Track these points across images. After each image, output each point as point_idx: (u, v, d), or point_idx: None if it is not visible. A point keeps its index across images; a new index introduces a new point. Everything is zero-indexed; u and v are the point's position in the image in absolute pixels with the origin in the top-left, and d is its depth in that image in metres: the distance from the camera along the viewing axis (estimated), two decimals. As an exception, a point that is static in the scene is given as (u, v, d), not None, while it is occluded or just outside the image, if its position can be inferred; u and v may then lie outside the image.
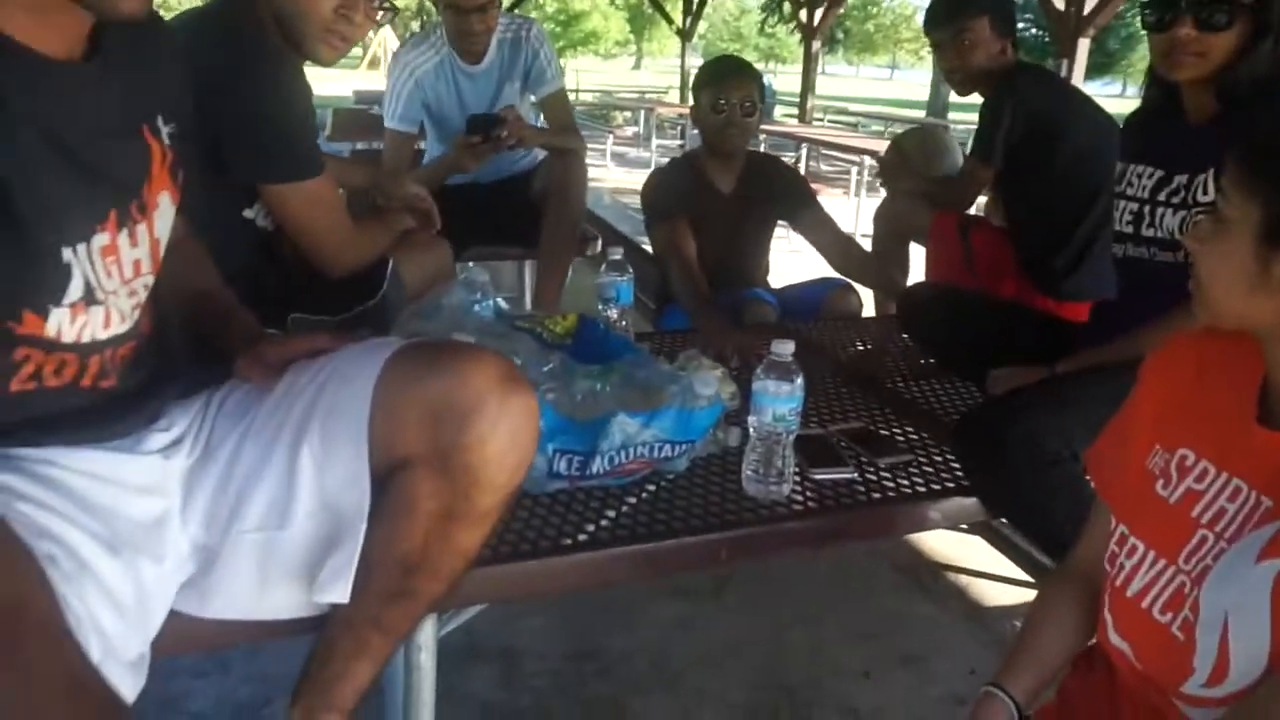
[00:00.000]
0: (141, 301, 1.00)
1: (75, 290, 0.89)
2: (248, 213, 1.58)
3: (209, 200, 1.11)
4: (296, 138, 1.43)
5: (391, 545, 0.98)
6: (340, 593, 0.97)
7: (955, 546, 2.35)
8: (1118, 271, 1.71)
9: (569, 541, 1.24)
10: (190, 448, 1.06)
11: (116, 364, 0.99)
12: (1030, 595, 2.12)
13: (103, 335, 0.95)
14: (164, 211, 1.01)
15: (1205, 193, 1.49)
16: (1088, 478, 1.32)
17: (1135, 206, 1.61)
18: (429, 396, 0.95)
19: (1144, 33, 1.54)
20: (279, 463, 1.00)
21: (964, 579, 2.24)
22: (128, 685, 0.87)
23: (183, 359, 1.10)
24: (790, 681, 1.81)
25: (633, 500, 1.35)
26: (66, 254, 0.87)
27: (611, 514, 1.31)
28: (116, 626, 0.87)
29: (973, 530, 2.40)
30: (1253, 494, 0.84)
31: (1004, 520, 1.69)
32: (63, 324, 0.90)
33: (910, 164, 2.88)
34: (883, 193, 3.01)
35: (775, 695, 1.77)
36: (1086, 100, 2.49)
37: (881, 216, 2.79)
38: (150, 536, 0.98)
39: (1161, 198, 1.56)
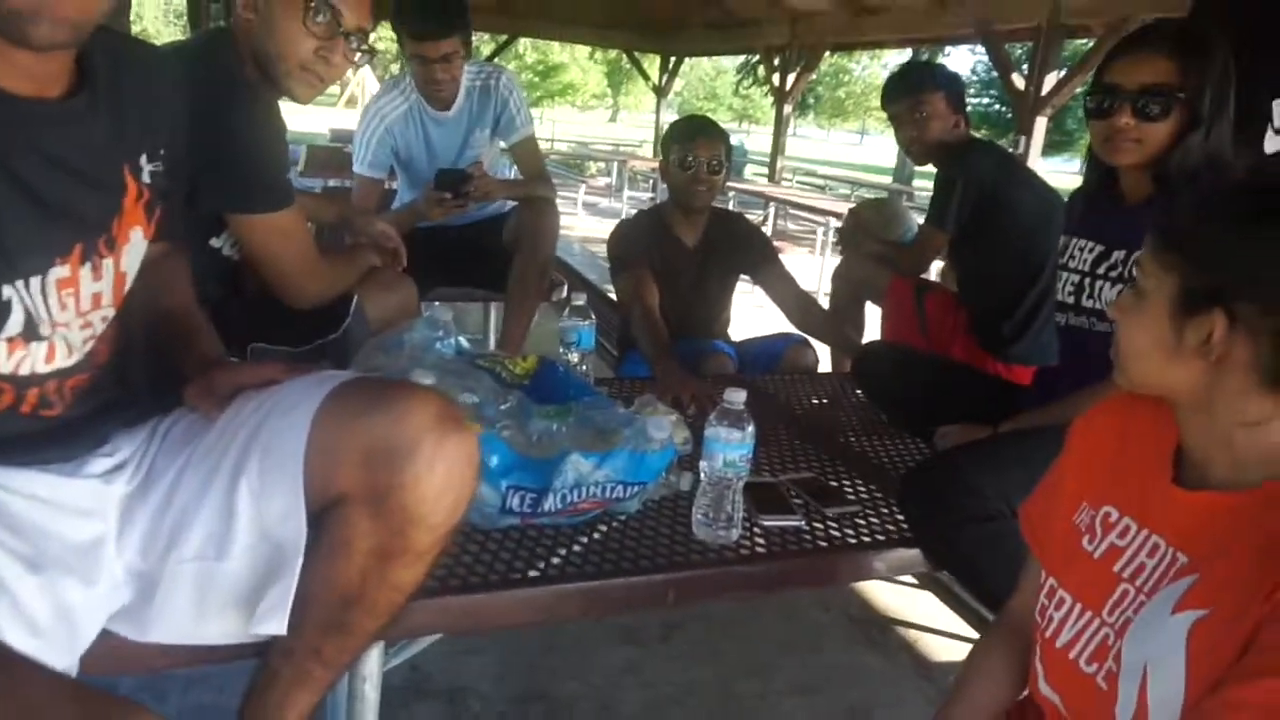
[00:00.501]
0: (97, 334, 1.00)
1: (14, 326, 0.89)
2: (214, 241, 1.59)
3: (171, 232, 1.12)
4: (268, 170, 1.46)
5: (328, 581, 0.97)
6: (277, 625, 0.96)
7: (904, 600, 2.39)
8: (1060, 339, 1.79)
9: (519, 576, 1.26)
10: (131, 474, 1.06)
11: (64, 395, 0.99)
12: (975, 651, 2.17)
13: (43, 369, 0.95)
14: (134, 246, 1.02)
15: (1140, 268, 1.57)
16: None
17: (1076, 279, 1.68)
18: (365, 435, 0.94)
19: None
20: (217, 494, 0.99)
21: (913, 633, 2.27)
22: None
23: (141, 386, 1.10)
24: (735, 732, 1.82)
25: (584, 539, 1.37)
26: (7, 291, 0.87)
27: (562, 551, 1.33)
28: (28, 645, 0.86)
29: (922, 584, 2.44)
30: (1169, 550, 0.88)
31: (946, 573, 1.73)
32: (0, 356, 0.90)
33: (868, 230, 3.00)
34: None
35: (719, 746, 1.78)
36: (1033, 175, 2.62)
37: (840, 276, 2.89)
38: (82, 558, 0.97)
39: (1101, 271, 1.64)
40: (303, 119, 1.86)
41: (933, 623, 2.30)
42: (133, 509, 1.03)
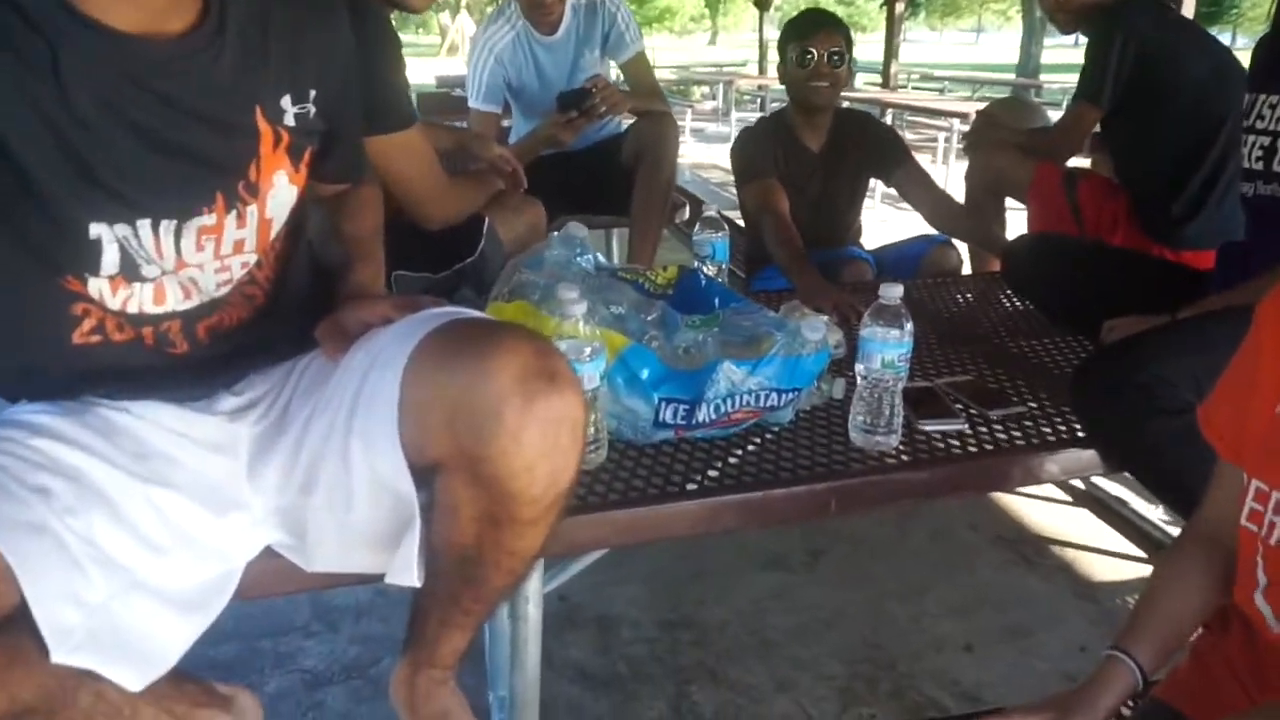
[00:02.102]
0: (234, 278, 0.99)
1: (110, 264, 0.88)
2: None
3: None
4: (396, 89, 1.46)
5: (447, 542, 0.95)
6: (410, 578, 0.96)
7: (1061, 519, 2.27)
8: (1246, 211, 1.61)
9: (677, 489, 1.23)
10: (263, 413, 1.06)
11: (194, 335, 0.99)
12: (1142, 570, 2.04)
13: (152, 309, 0.94)
14: (279, 191, 0.98)
15: None
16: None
17: (1266, 140, 1.50)
18: (449, 399, 0.87)
19: None
20: (336, 447, 0.97)
21: (1071, 553, 2.15)
22: (165, 612, 0.88)
23: (289, 327, 1.08)
24: (889, 654, 1.77)
25: (739, 451, 1.34)
26: (96, 229, 0.86)
27: (719, 463, 1.30)
28: (144, 561, 0.88)
29: (1079, 502, 2.31)
30: None
31: (1124, 475, 1.61)
32: (103, 292, 0.90)
33: (1003, 124, 2.76)
34: None
35: (873, 668, 1.74)
36: (1199, 29, 2.34)
37: (974, 172, 2.66)
38: (212, 492, 0.98)
39: None
40: (408, 68, 1.85)
41: (1091, 541, 2.17)
42: (265, 448, 1.03)
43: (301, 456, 1.01)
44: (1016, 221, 2.65)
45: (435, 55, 21.57)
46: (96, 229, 0.86)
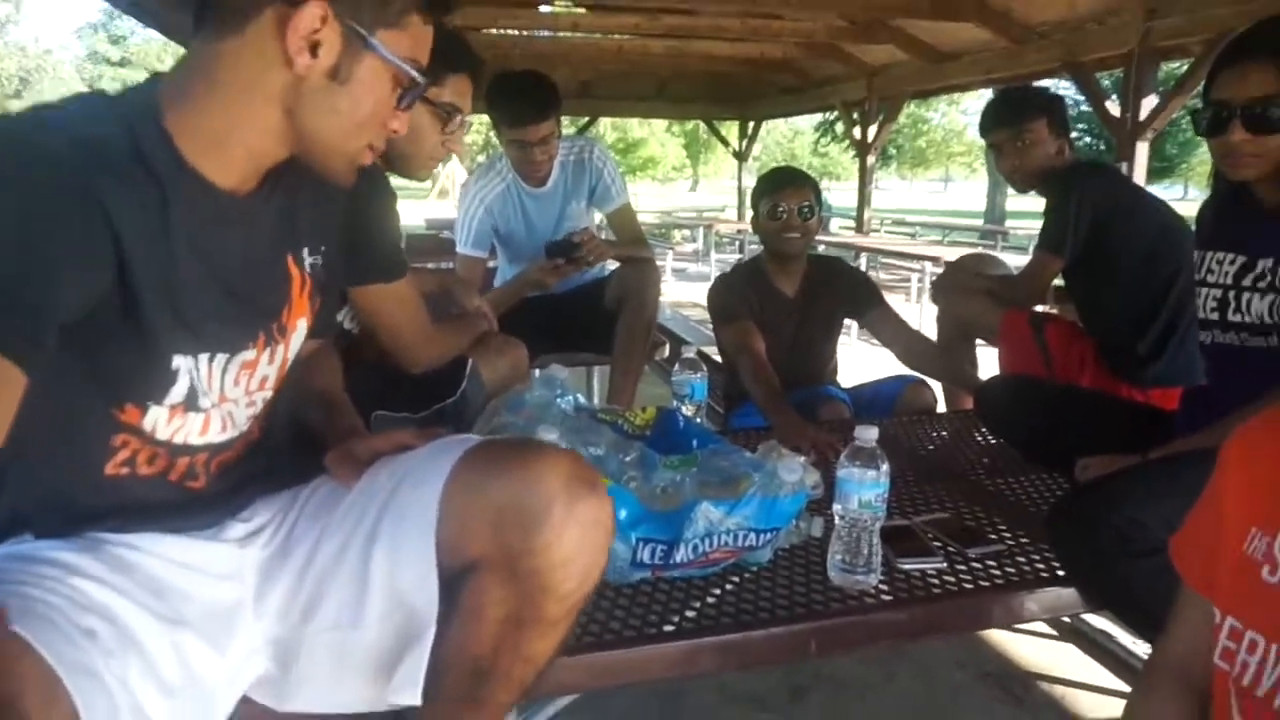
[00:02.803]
0: (256, 413, 1.04)
1: (178, 394, 0.93)
2: (336, 316, 1.65)
3: None
4: (389, 242, 1.52)
5: (462, 650, 0.95)
6: (411, 695, 0.95)
7: (1047, 654, 2.22)
8: (1206, 358, 1.68)
9: (654, 630, 1.22)
10: (269, 538, 1.07)
11: (210, 469, 1.01)
12: (1131, 703, 1.99)
13: (196, 440, 0.98)
14: (298, 335, 1.07)
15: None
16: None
17: (1219, 293, 1.59)
18: (496, 499, 0.93)
19: (1201, 138, 1.57)
20: (352, 562, 0.99)
21: (1059, 689, 2.10)
22: None
23: (283, 460, 1.12)
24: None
25: (717, 591, 1.33)
26: (177, 361, 0.92)
27: (696, 604, 1.29)
28: (160, 707, 0.86)
29: (1064, 636, 2.28)
30: None
31: (1102, 614, 1.60)
32: (159, 421, 0.93)
33: (969, 271, 2.90)
34: None
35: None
36: (1145, 192, 2.52)
37: (945, 315, 2.78)
38: (219, 623, 0.98)
39: (1247, 283, 1.54)
40: (400, 211, 1.96)
41: (1078, 676, 2.13)
42: (272, 573, 1.05)
43: (308, 579, 1.02)
44: (988, 360, 2.73)
45: (425, 198, 22.32)
46: (178, 360, 0.92)
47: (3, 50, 36.50)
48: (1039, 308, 2.68)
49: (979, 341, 2.76)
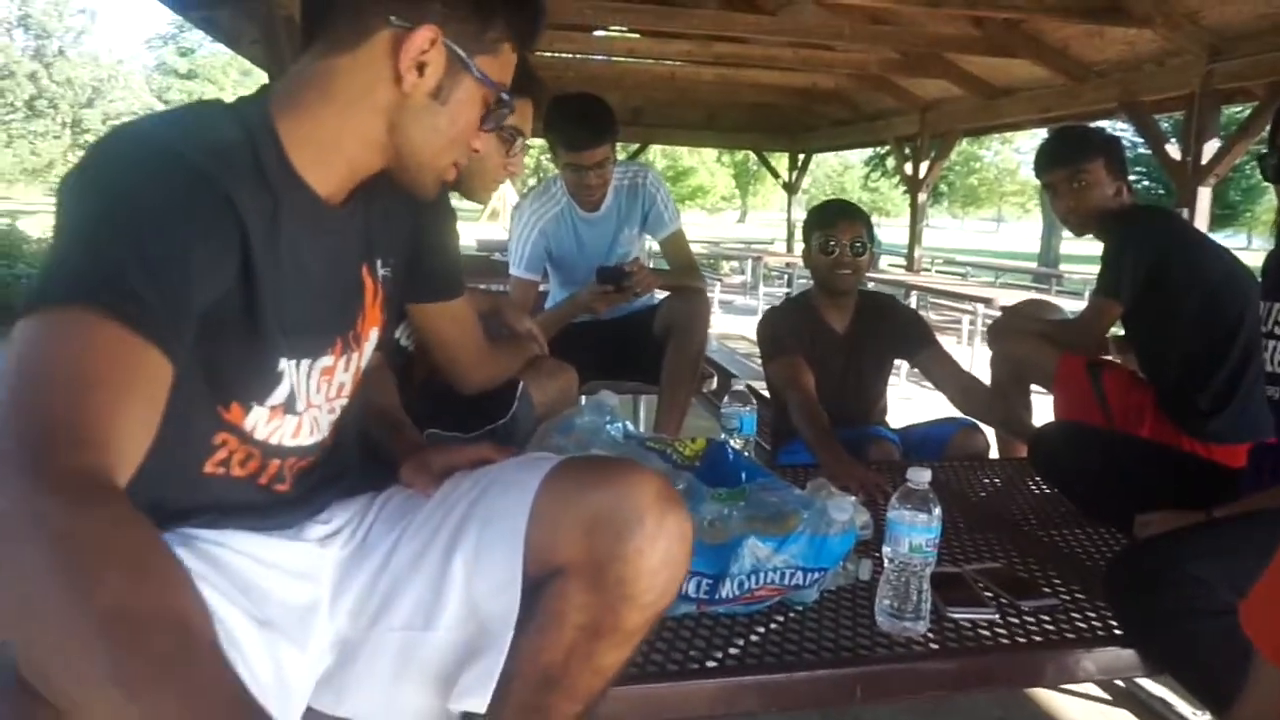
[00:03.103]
0: (336, 420, 1.07)
1: (280, 396, 0.96)
2: (395, 334, 1.67)
3: None
4: (451, 260, 1.53)
5: (534, 657, 0.97)
6: (479, 702, 0.96)
7: (1099, 718, 2.15)
8: (1275, 414, 1.62)
9: (697, 666, 1.20)
10: (346, 539, 1.10)
11: (294, 472, 1.04)
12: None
13: (289, 442, 1.01)
14: (370, 344, 1.10)
15: None
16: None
17: None
18: (590, 507, 0.96)
19: (1266, 184, 1.53)
20: (431, 565, 1.01)
21: (1112, 755, 2.03)
22: None
23: (353, 465, 1.15)
24: None
25: (761, 629, 1.31)
26: (283, 364, 0.95)
27: (740, 641, 1.27)
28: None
29: (1119, 701, 2.20)
30: None
31: (1161, 679, 1.54)
32: (259, 422, 0.96)
33: (1026, 315, 2.85)
34: None
35: None
36: (1206, 238, 2.46)
37: (999, 358, 2.73)
38: (297, 622, 1.00)
39: None
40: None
41: (1134, 744, 2.05)
42: (348, 574, 1.07)
43: (382, 581, 1.04)
44: (1042, 407, 2.67)
45: (477, 220, 22.63)
46: (283, 362, 0.95)
47: (77, 59, 37.85)
48: (1102, 356, 2.61)
49: (1035, 388, 2.70)
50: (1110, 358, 2.65)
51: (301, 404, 0.99)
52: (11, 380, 0.69)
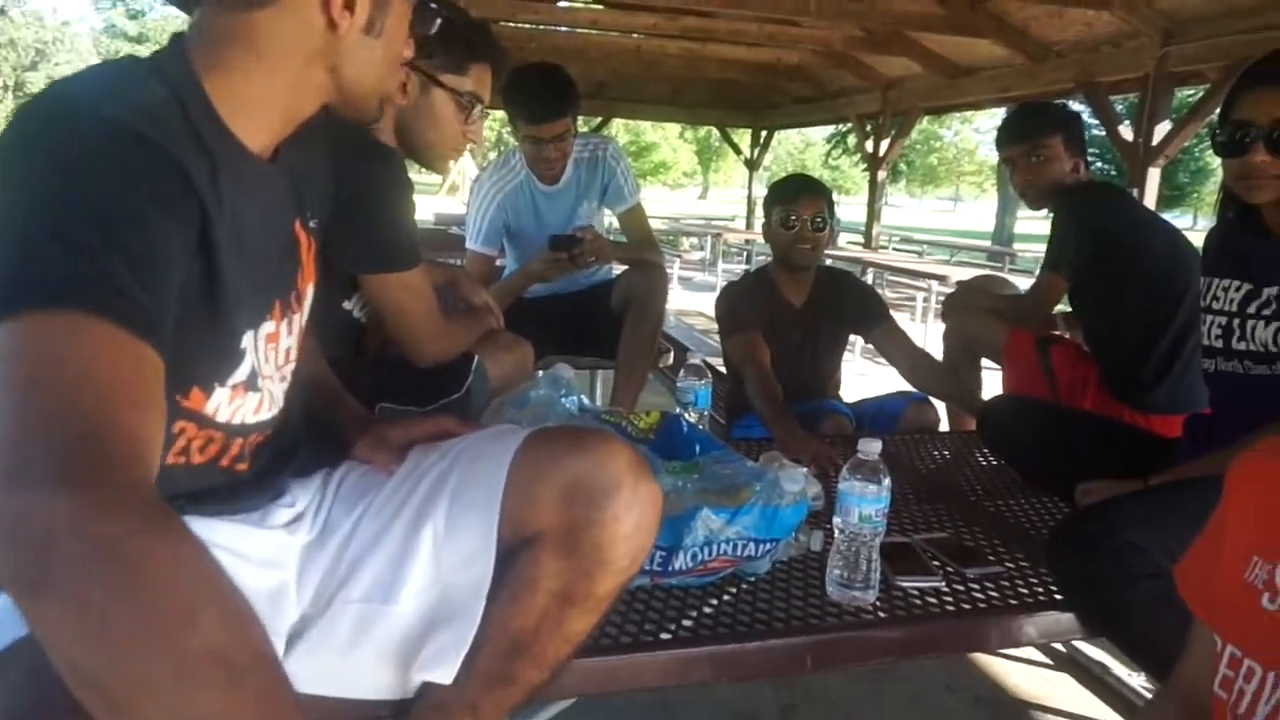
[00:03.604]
0: (287, 388, 1.05)
1: (242, 373, 0.93)
2: (346, 304, 1.65)
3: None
4: (404, 230, 1.51)
5: (505, 624, 0.97)
6: (445, 673, 0.96)
7: (1041, 682, 2.21)
8: (1210, 386, 1.67)
9: (650, 638, 1.21)
10: (310, 524, 1.08)
11: (251, 450, 1.01)
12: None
13: (251, 419, 0.98)
14: (309, 300, 1.07)
15: None
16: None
17: (1224, 320, 1.58)
18: (567, 475, 0.97)
19: (1213, 167, 1.57)
20: (395, 538, 1.01)
21: (1049, 718, 2.09)
22: None
23: (302, 438, 1.13)
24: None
25: (714, 600, 1.33)
26: (245, 339, 0.92)
27: (693, 613, 1.28)
28: None
29: (1059, 665, 2.27)
30: None
31: (1099, 643, 1.60)
32: (221, 403, 0.93)
33: (978, 291, 2.91)
34: None
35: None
36: (1155, 215, 2.51)
37: (951, 334, 2.78)
38: (267, 609, 0.98)
39: (1251, 310, 1.54)
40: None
41: (1072, 707, 2.11)
42: (311, 558, 1.05)
43: (344, 560, 1.03)
44: (992, 381, 2.73)
45: (436, 194, 22.33)
46: (245, 338, 0.92)
47: (20, 20, 36.41)
48: (1051, 331, 2.67)
49: (986, 363, 2.75)
50: (1059, 332, 2.71)
51: (260, 378, 0.97)
52: (15, 391, 0.64)
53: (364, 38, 0.92)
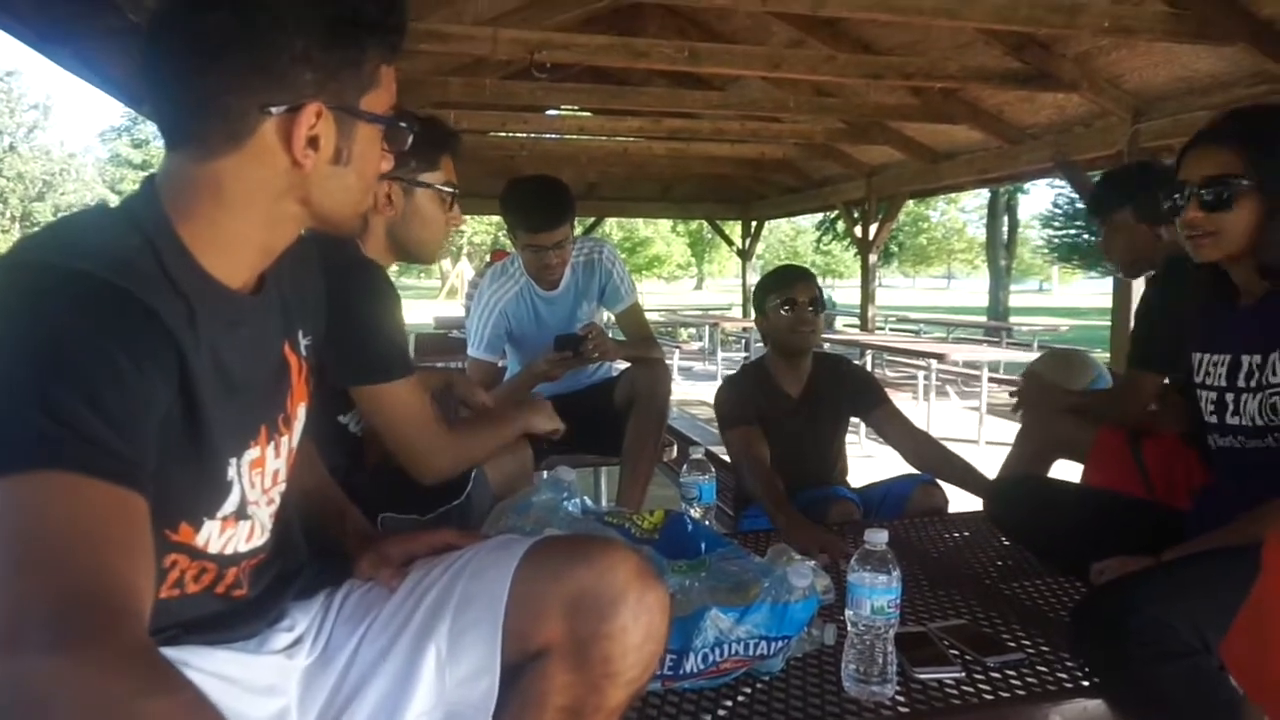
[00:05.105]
0: (277, 510, 1.03)
1: (230, 505, 0.92)
2: (342, 419, 1.66)
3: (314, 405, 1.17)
4: (394, 341, 1.53)
5: None
6: None
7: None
8: (1214, 459, 1.66)
9: (664, 747, 1.17)
10: (310, 647, 1.06)
11: (248, 574, 1.00)
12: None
13: (243, 548, 0.97)
14: (299, 422, 1.06)
15: (1275, 374, 1.47)
16: (1224, 672, 1.21)
17: (1215, 396, 1.58)
18: (571, 587, 0.96)
19: None
20: (399, 658, 0.99)
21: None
22: None
23: (302, 559, 1.12)
24: None
25: (729, 702, 1.29)
26: (230, 471, 0.91)
27: (708, 717, 1.25)
28: None
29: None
30: None
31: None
32: (212, 535, 0.92)
33: (1052, 385, 2.63)
34: (952, 398, 2.84)
35: None
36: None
37: (1030, 435, 2.52)
38: None
39: (1240, 383, 1.53)
40: (408, 311, 1.96)
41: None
42: (313, 681, 1.03)
43: (348, 681, 1.01)
44: (1070, 475, 2.43)
45: (435, 297, 22.65)
46: (230, 470, 0.91)
47: (29, 154, 37.64)
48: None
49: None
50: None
51: (249, 506, 0.96)
52: (2, 551, 0.64)
53: (333, 168, 0.91)
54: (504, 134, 7.56)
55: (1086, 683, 1.38)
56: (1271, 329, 1.50)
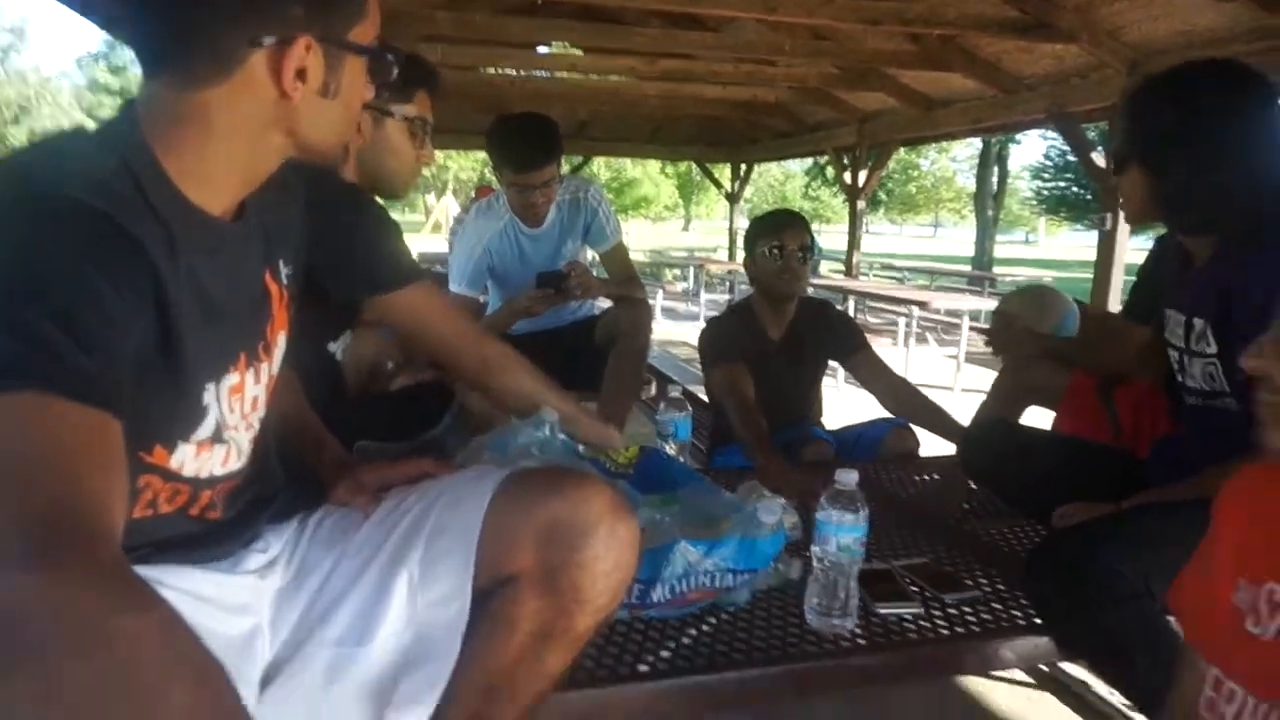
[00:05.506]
0: (256, 435, 1.04)
1: (206, 429, 0.93)
2: (331, 346, 1.66)
3: (300, 333, 1.17)
4: (397, 249, 1.51)
5: (483, 664, 0.98)
6: (421, 712, 0.96)
7: (1024, 703, 2.22)
8: (1182, 415, 1.70)
9: (628, 671, 1.22)
10: (284, 569, 1.09)
11: (223, 497, 1.02)
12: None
13: (219, 471, 0.98)
14: (279, 349, 1.07)
15: (1210, 344, 1.50)
16: (1169, 618, 1.26)
17: (1175, 355, 1.61)
18: (545, 516, 0.98)
19: None
20: (371, 581, 1.02)
21: (1035, 739, 2.09)
22: None
23: (279, 482, 1.13)
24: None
25: (693, 631, 1.33)
26: (207, 396, 0.92)
27: (671, 644, 1.29)
28: None
29: (1041, 685, 2.27)
30: None
31: (1078, 665, 1.60)
32: (186, 458, 0.93)
33: (1023, 328, 2.45)
34: (931, 345, 2.83)
35: None
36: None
37: (1001, 388, 2.39)
38: (239, 655, 0.98)
39: (1193, 345, 1.55)
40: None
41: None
42: (286, 602, 1.06)
43: (319, 602, 1.04)
44: (1042, 421, 2.39)
45: (420, 232, 22.43)
46: (207, 394, 0.92)
47: (3, 78, 36.61)
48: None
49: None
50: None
51: (227, 431, 0.97)
52: None
53: (320, 100, 0.91)
54: (493, 70, 7.41)
55: (1039, 620, 1.44)
56: (1203, 295, 1.51)
